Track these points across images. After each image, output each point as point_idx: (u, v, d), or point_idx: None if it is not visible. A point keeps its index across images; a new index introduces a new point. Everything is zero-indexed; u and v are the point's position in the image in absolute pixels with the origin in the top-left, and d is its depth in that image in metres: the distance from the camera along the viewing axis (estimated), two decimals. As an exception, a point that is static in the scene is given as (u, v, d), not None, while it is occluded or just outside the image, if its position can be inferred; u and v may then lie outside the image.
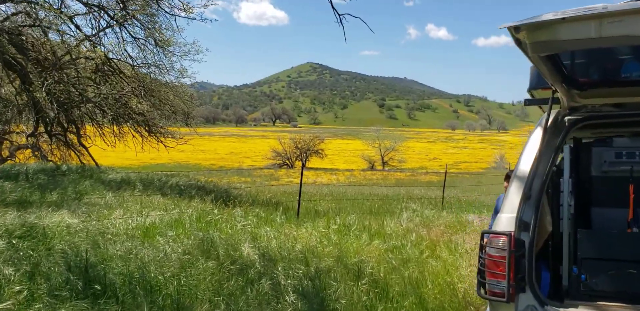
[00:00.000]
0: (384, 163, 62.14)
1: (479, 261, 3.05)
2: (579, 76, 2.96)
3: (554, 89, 2.93)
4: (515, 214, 2.84)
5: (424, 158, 76.89)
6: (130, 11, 11.94)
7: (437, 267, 6.93)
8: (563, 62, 2.82)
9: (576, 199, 3.16)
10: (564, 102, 3.00)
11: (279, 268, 5.49)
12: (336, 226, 8.44)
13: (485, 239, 2.96)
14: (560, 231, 3.08)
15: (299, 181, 11.55)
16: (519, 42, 2.44)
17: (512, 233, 2.78)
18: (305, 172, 10.98)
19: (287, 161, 54.15)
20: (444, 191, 15.15)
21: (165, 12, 11.78)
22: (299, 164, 52.93)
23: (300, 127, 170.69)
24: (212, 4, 12.07)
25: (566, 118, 3.06)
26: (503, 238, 2.86)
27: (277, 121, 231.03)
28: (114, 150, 16.01)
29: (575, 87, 2.88)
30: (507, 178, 5.36)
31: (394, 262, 6.72)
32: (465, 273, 6.92)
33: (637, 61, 3.01)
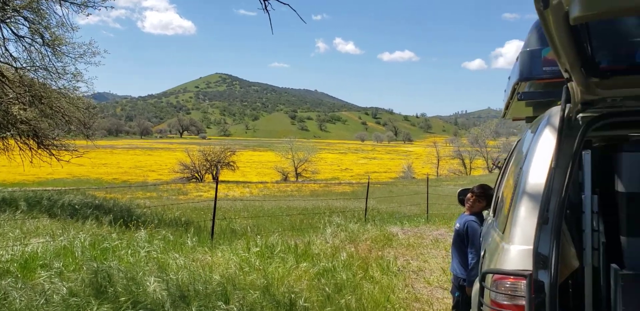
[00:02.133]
0: (297, 174, 61.57)
1: (479, 310, 2.24)
2: (600, 59, 2.26)
3: (567, 77, 2.21)
4: (530, 246, 2.06)
5: (336, 169, 77.27)
6: (11, 5, 10.32)
7: (373, 292, 6.17)
8: (590, 38, 2.11)
9: (606, 226, 2.41)
10: (576, 95, 2.28)
11: (193, 310, 4.43)
12: (257, 248, 7.48)
13: (488, 281, 2.16)
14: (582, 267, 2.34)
15: (211, 196, 10.44)
16: (545, 3, 1.69)
17: (532, 274, 1.99)
18: (217, 186, 9.90)
19: (196, 174, 51.90)
20: (366, 202, 14.59)
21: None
22: (209, 177, 50.98)
23: (209, 139, 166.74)
24: (111, -1, 10.73)
25: (580, 116, 2.35)
26: (513, 280, 2.08)
27: (185, 132, 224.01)
28: (5, 165, 13.94)
29: (595, 74, 2.17)
30: (466, 193, 4.67)
31: (327, 289, 5.89)
32: (403, 296, 6.23)
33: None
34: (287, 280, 6.07)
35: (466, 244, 4.42)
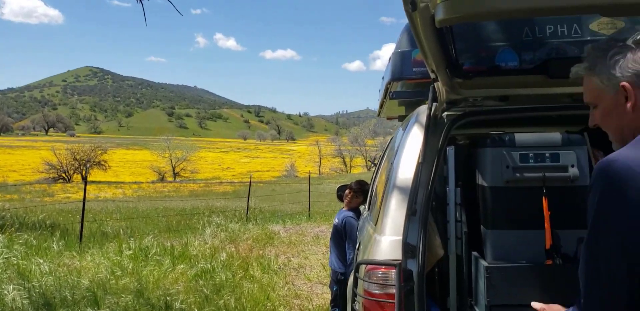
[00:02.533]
0: (175, 174, 59.64)
1: (353, 300, 2.31)
2: (464, 61, 2.43)
3: (434, 77, 2.35)
4: (400, 237, 2.16)
5: (217, 168, 76.02)
6: None
7: (253, 291, 6.14)
8: (454, 41, 2.25)
9: (468, 216, 2.57)
10: (442, 94, 2.43)
11: (59, 318, 4.11)
12: (131, 251, 7.12)
13: (361, 272, 2.23)
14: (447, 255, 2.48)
15: (80, 197, 9.76)
16: (414, 6, 1.78)
17: (401, 263, 2.09)
18: (86, 186, 9.29)
19: (64, 175, 48.26)
20: (248, 201, 14.49)
21: None
22: (77, 177, 47.62)
23: (78, 136, 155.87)
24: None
25: (445, 114, 2.50)
26: (385, 270, 2.16)
27: (51, 129, 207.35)
28: None
29: (459, 75, 2.33)
30: (344, 189, 4.79)
31: (205, 290, 5.75)
32: (283, 294, 6.27)
33: (512, 49, 2.60)
34: (163, 282, 5.85)
35: (344, 239, 4.54)
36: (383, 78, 3.56)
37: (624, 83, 1.31)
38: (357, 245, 3.20)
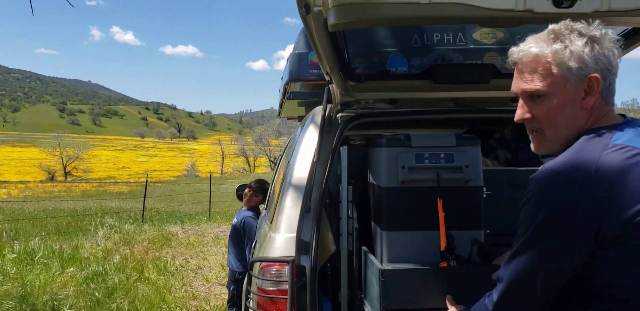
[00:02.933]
0: (66, 173, 56.11)
1: (246, 298, 2.33)
2: (356, 65, 2.53)
3: (328, 79, 2.43)
4: (294, 234, 2.21)
5: (112, 167, 72.51)
6: None
7: (148, 293, 5.96)
8: (346, 45, 2.34)
9: (360, 214, 2.63)
10: (337, 96, 2.52)
11: None
12: (15, 255, 6.62)
13: (255, 269, 2.25)
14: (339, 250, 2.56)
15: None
16: (307, 10, 1.83)
17: (294, 259, 2.14)
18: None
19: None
20: (144, 202, 13.96)
21: None
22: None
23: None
24: None
25: (339, 115, 2.59)
26: (278, 267, 2.20)
27: None
28: None
29: (352, 78, 2.43)
30: (244, 188, 4.76)
31: (97, 294, 5.50)
32: (180, 295, 6.15)
33: (402, 55, 2.75)
34: (51, 287, 5.52)
35: (243, 239, 4.54)
36: (282, 78, 3.61)
37: (595, 75, 1.20)
38: (254, 244, 3.22)
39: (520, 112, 1.32)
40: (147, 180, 14.38)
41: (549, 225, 1.15)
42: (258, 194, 4.60)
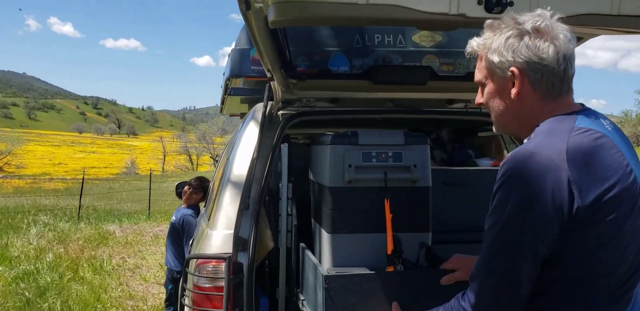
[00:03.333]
0: (-3, 169, 53.31)
1: (182, 295, 2.30)
2: (298, 63, 2.55)
3: (270, 76, 2.43)
4: (232, 231, 2.21)
5: (47, 163, 69.39)
6: None
7: (83, 292, 5.78)
8: (288, 43, 2.35)
9: (300, 212, 2.54)
10: (278, 94, 2.53)
11: None
12: None
13: (191, 267, 2.23)
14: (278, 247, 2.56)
15: None
16: (248, 6, 1.84)
17: (231, 256, 2.13)
18: None
19: None
20: (80, 199, 13.49)
21: None
22: None
23: None
24: None
25: (280, 113, 2.60)
26: (215, 263, 2.19)
27: None
28: None
29: (293, 75, 2.44)
30: (184, 186, 4.68)
31: (27, 293, 5.28)
32: (116, 295, 5.99)
33: (344, 55, 2.79)
34: (-25, 288, 5.25)
35: (182, 237, 4.46)
36: (224, 74, 3.59)
37: (513, 68, 1.25)
38: (191, 241, 3.18)
39: (477, 97, 1.40)
40: (83, 177, 13.90)
41: (522, 210, 1.14)
42: (198, 192, 4.55)
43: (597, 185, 1.13)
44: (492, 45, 1.28)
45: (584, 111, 1.28)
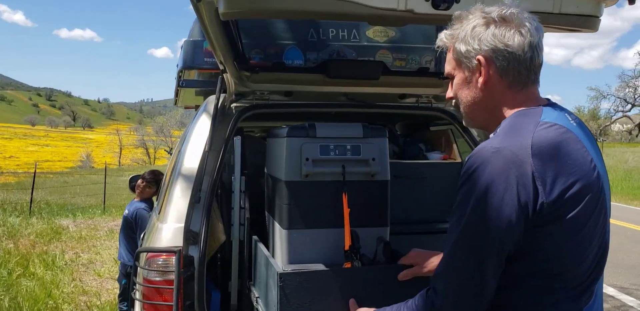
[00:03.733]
0: (-58, 162, 51.06)
1: (132, 289, 2.28)
2: (253, 55, 2.54)
3: (222, 69, 2.42)
4: (182, 224, 2.19)
5: (-3, 157, 66.91)
6: None
7: (33, 289, 5.63)
8: (240, 35, 2.34)
9: (254, 206, 2.55)
10: (231, 86, 2.52)
11: None
12: None
13: (141, 260, 2.20)
14: (231, 241, 2.55)
15: None
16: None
17: (181, 249, 2.12)
18: None
19: None
20: (32, 194, 13.08)
21: None
22: None
23: None
24: None
25: (233, 105, 2.59)
26: (165, 257, 2.17)
27: None
28: None
29: (246, 68, 2.44)
30: (138, 179, 4.60)
31: (-28, 292, 5.10)
32: (69, 291, 5.86)
33: (299, 48, 2.81)
34: None
35: (135, 231, 4.40)
36: (177, 66, 3.55)
37: (480, 57, 1.24)
38: (142, 235, 3.14)
39: (447, 91, 1.39)
40: (35, 170, 13.48)
41: (486, 206, 1.12)
42: (151, 186, 4.48)
43: (561, 181, 1.13)
44: (459, 35, 1.28)
45: (549, 105, 1.27)
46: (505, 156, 1.12)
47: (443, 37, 1.34)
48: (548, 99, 1.32)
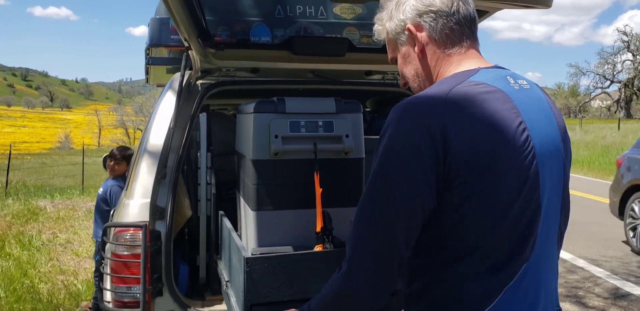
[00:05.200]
0: None
1: (100, 263, 2.32)
2: (216, 32, 2.55)
3: (187, 45, 2.43)
4: (148, 200, 2.23)
5: (-28, 138, 65.67)
6: None
7: (9, 268, 5.64)
8: (203, 12, 2.34)
9: (221, 187, 2.58)
10: (197, 63, 2.53)
11: None
12: None
13: (109, 235, 2.25)
14: (198, 216, 2.60)
15: None
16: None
17: (147, 224, 2.16)
18: None
19: None
20: (7, 175, 12.93)
21: None
22: None
23: None
24: None
25: (199, 82, 2.61)
26: (132, 232, 2.21)
27: None
28: None
29: (211, 45, 2.45)
30: (112, 158, 4.58)
31: (-55, 272, 5.10)
32: (45, 270, 5.88)
33: (266, 25, 2.81)
34: None
35: (111, 208, 4.41)
36: (146, 43, 3.54)
37: (409, 25, 1.21)
38: (112, 212, 3.18)
39: (400, 78, 1.34)
40: (10, 151, 13.30)
41: (397, 159, 1.06)
42: (121, 162, 4.45)
43: (473, 142, 1.05)
44: (385, 16, 1.27)
45: (493, 67, 1.21)
46: (418, 109, 1.08)
47: (376, 26, 1.31)
48: (496, 65, 1.24)
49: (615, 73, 43.07)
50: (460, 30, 1.20)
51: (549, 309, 1.19)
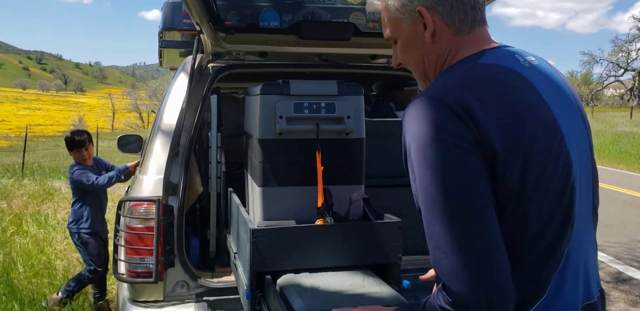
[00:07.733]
0: None
1: (115, 236, 2.46)
2: (226, 17, 2.64)
3: (199, 29, 2.52)
4: (162, 176, 2.36)
5: (-12, 120, 66.53)
6: None
7: (27, 246, 5.85)
8: (214, -3, 2.44)
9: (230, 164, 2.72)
10: (208, 47, 2.63)
11: None
12: None
13: (124, 209, 2.38)
14: (209, 192, 2.73)
15: None
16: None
17: (160, 199, 2.29)
18: None
19: None
20: (24, 156, 13.21)
21: None
22: None
23: None
24: None
25: (210, 65, 2.71)
26: (147, 206, 2.34)
27: None
28: None
29: (221, 29, 2.55)
30: (125, 139, 4.68)
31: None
32: (61, 248, 6.08)
33: (275, 10, 2.90)
34: None
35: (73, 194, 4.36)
36: (159, 27, 3.64)
37: (420, 8, 1.11)
38: (127, 188, 3.31)
39: (393, 58, 1.25)
40: (26, 133, 13.54)
41: (448, 163, 0.97)
42: (78, 150, 4.27)
43: (499, 117, 1.00)
44: None
45: (499, 47, 1.15)
46: (432, 100, 1.02)
47: (373, 1, 1.23)
48: (501, 44, 1.18)
49: (629, 61, 42.29)
50: (473, 15, 1.13)
51: (593, 289, 1.15)
